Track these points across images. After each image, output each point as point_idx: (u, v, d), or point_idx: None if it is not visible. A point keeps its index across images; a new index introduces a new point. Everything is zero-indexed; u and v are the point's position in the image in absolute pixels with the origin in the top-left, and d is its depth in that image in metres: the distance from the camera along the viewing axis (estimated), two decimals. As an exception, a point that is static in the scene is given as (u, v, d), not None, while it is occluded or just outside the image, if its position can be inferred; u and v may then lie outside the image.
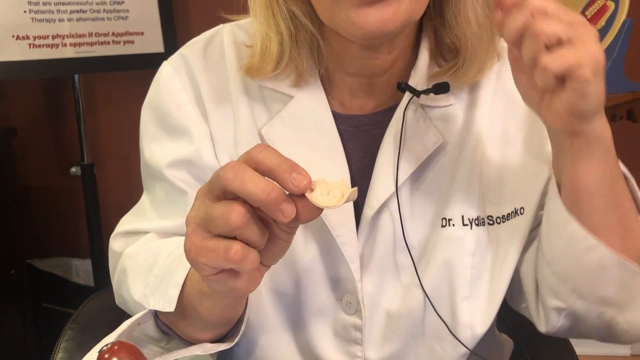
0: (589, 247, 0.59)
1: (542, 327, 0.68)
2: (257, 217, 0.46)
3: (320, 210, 0.47)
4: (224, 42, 0.71)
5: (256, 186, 0.44)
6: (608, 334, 0.64)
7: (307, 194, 0.46)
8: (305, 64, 0.67)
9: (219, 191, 0.47)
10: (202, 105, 0.70)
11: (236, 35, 0.72)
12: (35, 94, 2.08)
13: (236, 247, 0.45)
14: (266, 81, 0.68)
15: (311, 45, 0.67)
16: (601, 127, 0.55)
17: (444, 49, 0.67)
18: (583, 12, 1.49)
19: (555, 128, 0.57)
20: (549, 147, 0.64)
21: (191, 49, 0.73)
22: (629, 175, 0.65)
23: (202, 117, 0.70)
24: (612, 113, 1.44)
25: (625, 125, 1.53)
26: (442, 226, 0.67)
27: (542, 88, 0.52)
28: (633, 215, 0.62)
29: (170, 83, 0.71)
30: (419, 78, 0.67)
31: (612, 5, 1.43)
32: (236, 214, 0.45)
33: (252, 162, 0.46)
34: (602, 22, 1.45)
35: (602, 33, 1.44)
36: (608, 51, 1.42)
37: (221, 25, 0.75)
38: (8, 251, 1.89)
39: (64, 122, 2.09)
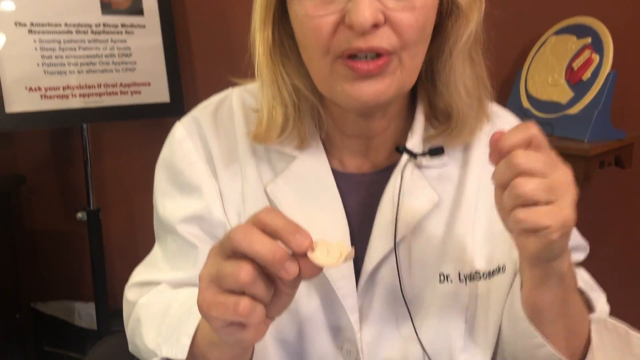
0: (538, 344, 0.65)
1: None
2: (263, 274, 0.51)
3: (321, 268, 0.51)
4: (233, 106, 0.77)
5: (263, 247, 0.49)
6: None
7: (308, 254, 0.50)
8: (307, 130, 0.72)
9: (230, 251, 0.51)
10: (212, 164, 0.75)
11: (244, 99, 0.77)
12: (44, 141, 2.14)
13: (245, 302, 0.49)
14: (272, 144, 0.73)
15: (312, 113, 0.72)
16: (559, 264, 0.59)
17: (437, 112, 0.73)
18: (570, 64, 1.57)
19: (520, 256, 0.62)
20: None
21: (203, 112, 0.78)
22: (584, 288, 0.71)
23: (212, 175, 0.75)
24: (601, 160, 1.49)
25: (613, 171, 1.58)
26: (440, 282, 0.71)
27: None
28: (581, 320, 0.68)
29: (183, 143, 0.76)
30: (415, 141, 0.72)
31: (597, 58, 1.50)
32: (245, 272, 0.49)
33: (260, 224, 0.51)
34: (588, 73, 1.51)
35: (589, 84, 1.50)
36: (595, 101, 1.48)
37: (230, 89, 0.80)
38: (14, 296, 1.92)
39: (71, 168, 2.13)
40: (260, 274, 0.50)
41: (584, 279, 0.78)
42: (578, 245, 0.81)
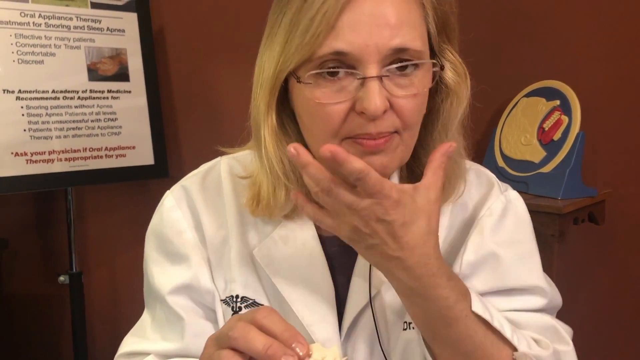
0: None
1: None
2: None
3: None
4: (221, 174, 0.80)
5: (258, 342, 0.52)
6: None
7: None
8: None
9: (227, 346, 0.54)
10: (201, 232, 0.77)
11: (232, 167, 0.80)
12: (27, 204, 2.14)
13: None
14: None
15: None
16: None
17: (413, 178, 0.76)
18: (541, 125, 1.64)
19: None
20: (463, 246, 0.77)
21: (191, 180, 0.81)
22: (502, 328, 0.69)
23: (201, 243, 0.77)
24: (575, 217, 1.54)
25: (588, 227, 1.63)
26: (404, 329, 0.75)
27: None
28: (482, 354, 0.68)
29: (172, 213, 0.78)
30: None
31: (566, 120, 1.57)
32: None
33: (257, 325, 0.54)
34: (558, 134, 1.58)
35: (560, 144, 1.57)
36: (566, 160, 1.54)
37: (219, 158, 0.83)
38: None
39: (54, 231, 2.13)
40: None
41: (532, 323, 0.77)
42: (529, 288, 0.78)
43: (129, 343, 0.80)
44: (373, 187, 0.57)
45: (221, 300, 0.77)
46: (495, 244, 0.76)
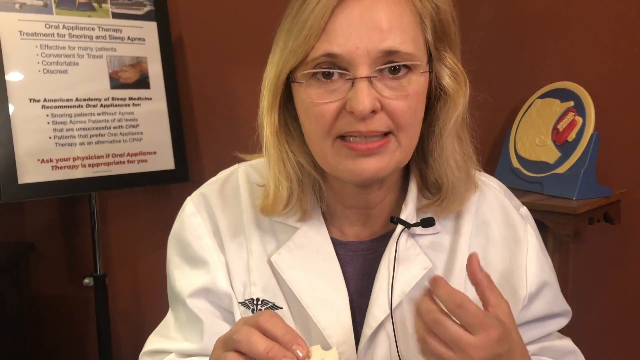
0: None
1: None
2: None
3: None
4: (239, 181, 0.83)
5: (260, 345, 0.56)
6: None
7: None
8: (309, 203, 0.78)
9: (232, 349, 0.58)
10: (219, 238, 0.81)
11: (249, 175, 0.83)
12: (52, 209, 2.19)
13: None
14: (276, 217, 0.79)
15: (314, 187, 0.78)
16: None
17: (429, 184, 0.79)
18: (555, 126, 1.65)
19: None
20: (523, 279, 0.77)
21: (210, 187, 0.84)
22: None
23: (219, 248, 0.80)
24: (590, 217, 1.54)
25: (604, 227, 1.63)
26: None
27: None
28: None
29: (192, 219, 0.82)
30: (409, 211, 0.78)
31: (580, 120, 1.58)
32: None
33: (260, 329, 0.57)
34: (572, 135, 1.59)
35: (574, 144, 1.57)
36: (581, 160, 1.54)
37: (237, 165, 0.86)
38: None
39: (78, 234, 2.18)
40: None
41: (556, 348, 0.81)
42: (563, 312, 0.84)
43: (153, 342, 0.84)
44: (475, 318, 0.59)
45: (239, 302, 0.80)
46: (545, 272, 0.80)
